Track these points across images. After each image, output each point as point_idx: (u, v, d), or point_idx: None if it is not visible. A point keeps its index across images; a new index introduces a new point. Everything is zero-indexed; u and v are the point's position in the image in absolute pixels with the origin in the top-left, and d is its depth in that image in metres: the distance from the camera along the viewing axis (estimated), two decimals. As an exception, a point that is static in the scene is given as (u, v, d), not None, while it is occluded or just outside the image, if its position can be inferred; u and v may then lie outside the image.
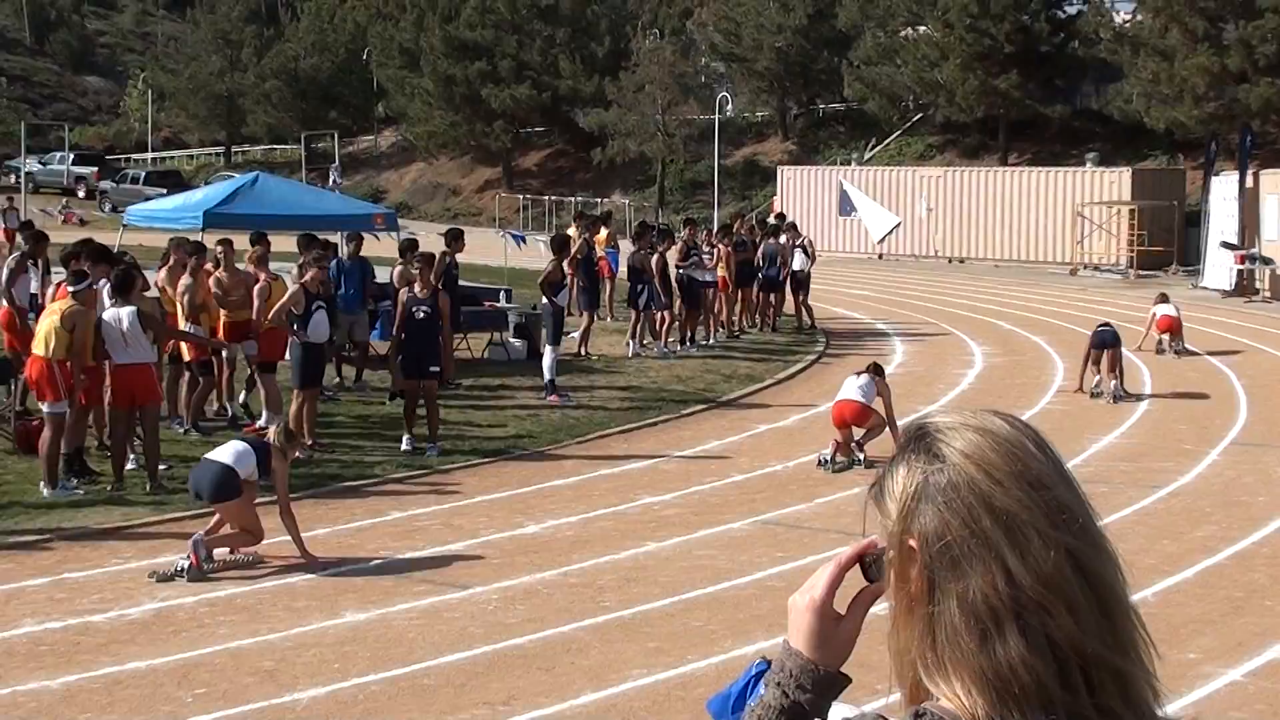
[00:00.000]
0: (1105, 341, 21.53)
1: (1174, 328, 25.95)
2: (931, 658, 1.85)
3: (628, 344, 25.67)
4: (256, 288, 18.52)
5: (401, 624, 11.05)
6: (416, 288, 18.01)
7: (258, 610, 11.35)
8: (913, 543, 1.87)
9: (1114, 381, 21.47)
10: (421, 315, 17.77)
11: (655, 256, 25.74)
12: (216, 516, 12.68)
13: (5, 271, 19.53)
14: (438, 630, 10.91)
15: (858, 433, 17.03)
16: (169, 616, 11.18)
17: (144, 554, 12.91)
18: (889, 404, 17.04)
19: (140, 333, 15.19)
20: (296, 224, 23.45)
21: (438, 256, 21.86)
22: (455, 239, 22.70)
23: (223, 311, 18.60)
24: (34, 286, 20.08)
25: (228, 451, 12.68)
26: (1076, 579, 1.81)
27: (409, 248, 21.18)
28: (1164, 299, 26.82)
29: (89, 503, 14.60)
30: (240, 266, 19.28)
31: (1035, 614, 1.79)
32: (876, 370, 17.52)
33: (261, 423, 18.44)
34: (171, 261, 18.74)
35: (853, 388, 16.98)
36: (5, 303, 19.23)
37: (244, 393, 19.29)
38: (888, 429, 16.55)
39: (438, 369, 17.89)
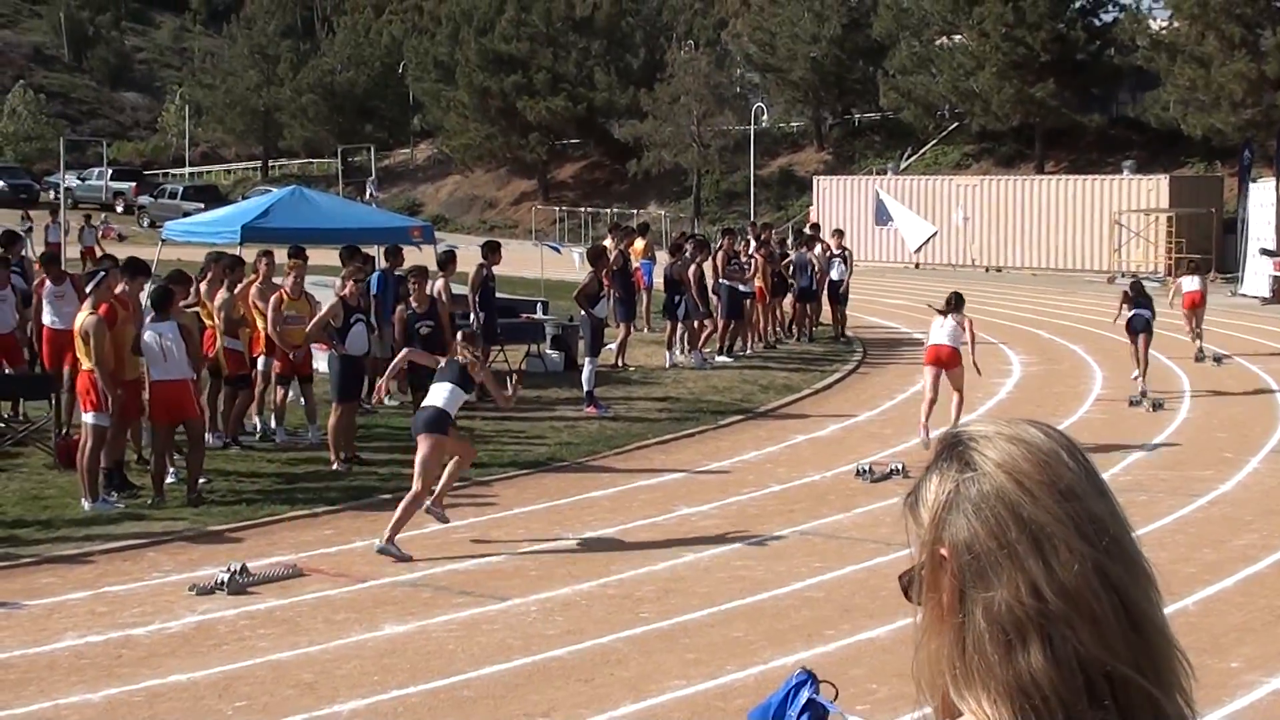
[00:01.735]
0: (1137, 328, 22.47)
1: (1197, 303, 26.10)
2: (960, 669, 1.84)
3: (667, 354, 25.68)
4: (255, 294, 18.57)
5: (441, 636, 11.06)
6: (414, 303, 18.04)
7: (297, 623, 11.39)
8: (944, 551, 1.86)
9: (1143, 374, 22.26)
10: (425, 331, 17.82)
11: (692, 267, 25.74)
12: (442, 480, 13.89)
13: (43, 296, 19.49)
14: (477, 642, 10.92)
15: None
16: (209, 629, 11.23)
17: (184, 567, 12.97)
18: (974, 334, 18.83)
19: (182, 348, 15.27)
20: (334, 237, 23.55)
21: (473, 267, 22.03)
22: (492, 251, 22.75)
23: (260, 325, 18.67)
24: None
25: (440, 395, 13.85)
26: (1105, 594, 1.78)
27: (447, 260, 21.22)
28: (1194, 269, 26.76)
29: (130, 516, 14.67)
30: (277, 280, 19.34)
31: (1059, 627, 1.77)
32: (957, 305, 18.77)
33: (259, 429, 18.53)
34: (210, 275, 18.82)
35: (942, 333, 18.51)
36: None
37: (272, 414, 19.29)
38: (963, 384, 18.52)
39: None
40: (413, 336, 17.87)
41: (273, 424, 19.04)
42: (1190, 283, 26.43)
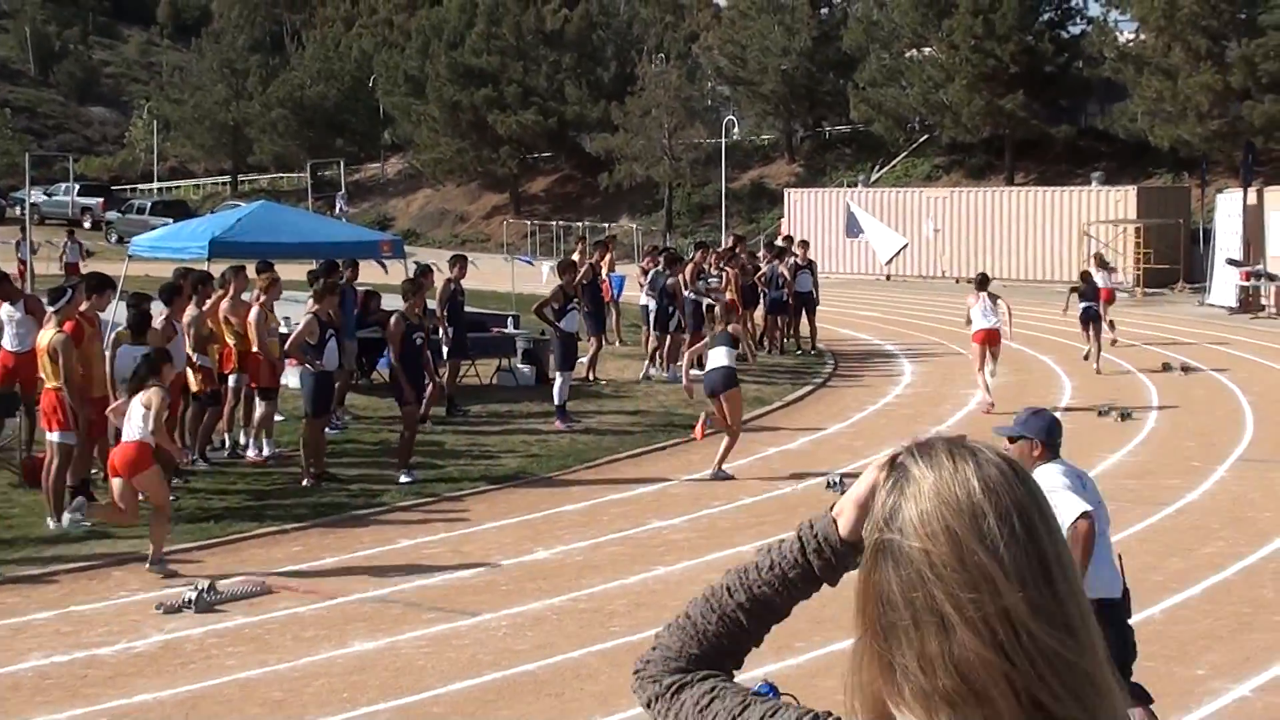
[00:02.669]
0: (1089, 319, 26.11)
1: (1107, 299, 26.81)
2: (892, 693, 1.86)
3: (658, 368, 25.69)
4: (253, 315, 18.48)
5: (411, 652, 11.05)
6: (410, 315, 18.04)
7: (265, 640, 11.37)
8: (869, 589, 1.89)
9: (1099, 349, 26.06)
10: (419, 340, 17.84)
11: (670, 280, 25.86)
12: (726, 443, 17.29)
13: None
14: (447, 658, 10.92)
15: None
16: (176, 648, 11.19)
17: (151, 586, 12.93)
18: (1008, 306, 22.80)
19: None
20: (303, 252, 23.53)
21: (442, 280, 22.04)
22: (457, 264, 22.76)
23: (229, 341, 18.63)
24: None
25: (722, 357, 17.46)
26: (1002, 684, 1.78)
27: (423, 274, 21.10)
28: (1101, 264, 27.35)
29: (96, 535, 14.61)
30: (246, 296, 19.29)
31: (959, 707, 1.79)
32: (983, 284, 22.71)
33: (252, 452, 18.48)
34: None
35: (983, 317, 22.23)
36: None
37: (243, 429, 19.23)
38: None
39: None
40: (410, 346, 17.85)
41: (242, 439, 19.02)
42: (1099, 279, 26.88)
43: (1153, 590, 12.34)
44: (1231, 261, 38.62)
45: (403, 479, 17.15)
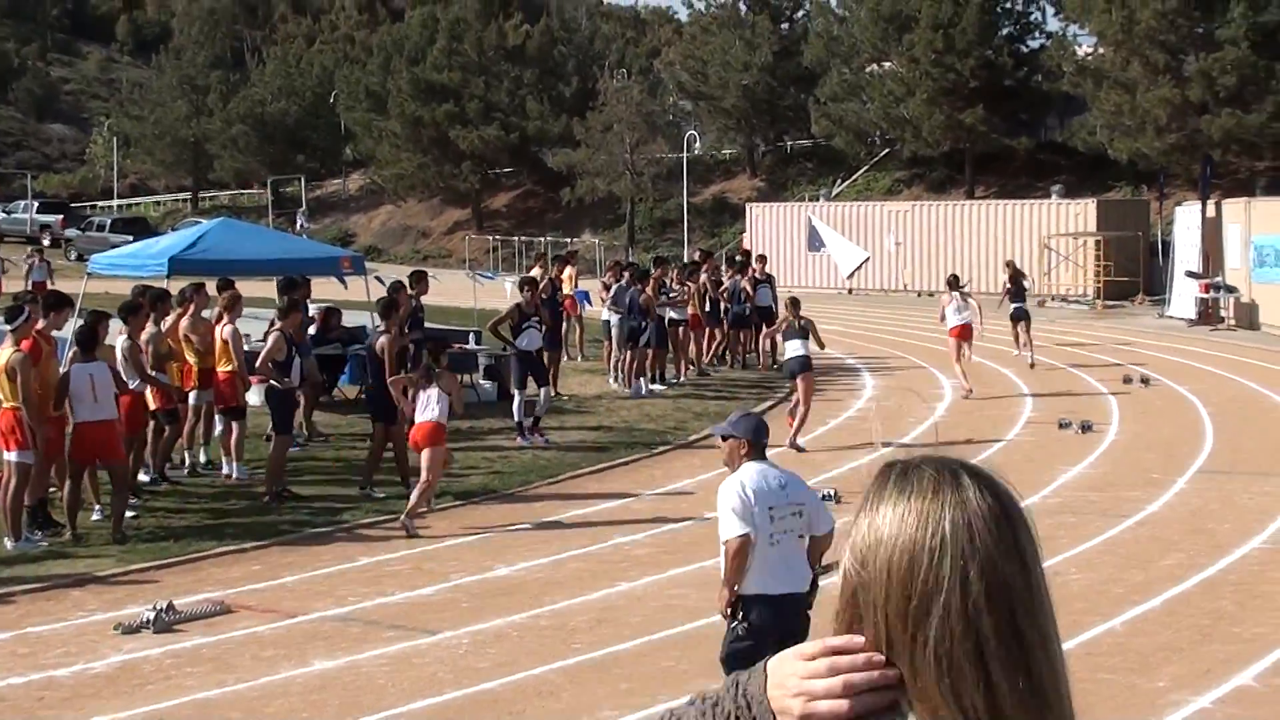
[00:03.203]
0: (1019, 318, 28.34)
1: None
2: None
3: (640, 383, 25.68)
4: (228, 333, 18.35)
5: (371, 670, 10.99)
6: (393, 326, 18.02)
7: (225, 660, 11.28)
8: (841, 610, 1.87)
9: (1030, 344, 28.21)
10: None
11: (643, 295, 25.87)
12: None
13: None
14: (408, 676, 10.86)
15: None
16: (134, 669, 11.10)
17: (109, 606, 12.83)
18: (978, 305, 25.32)
19: (111, 389, 15.13)
20: (263, 269, 23.43)
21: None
22: (418, 280, 22.69)
23: (190, 359, 18.53)
24: None
25: (799, 346, 20.55)
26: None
27: (396, 292, 21.00)
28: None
29: (53, 555, 14.50)
30: (205, 314, 19.19)
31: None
32: (954, 284, 25.45)
33: (225, 470, 18.40)
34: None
35: (956, 314, 24.84)
36: None
37: (203, 447, 19.14)
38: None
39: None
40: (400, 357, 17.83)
41: (202, 457, 18.94)
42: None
43: (1113, 602, 12.40)
44: (1190, 274, 38.86)
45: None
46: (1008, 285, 28.89)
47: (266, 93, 78.56)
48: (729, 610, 8.65)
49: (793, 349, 20.82)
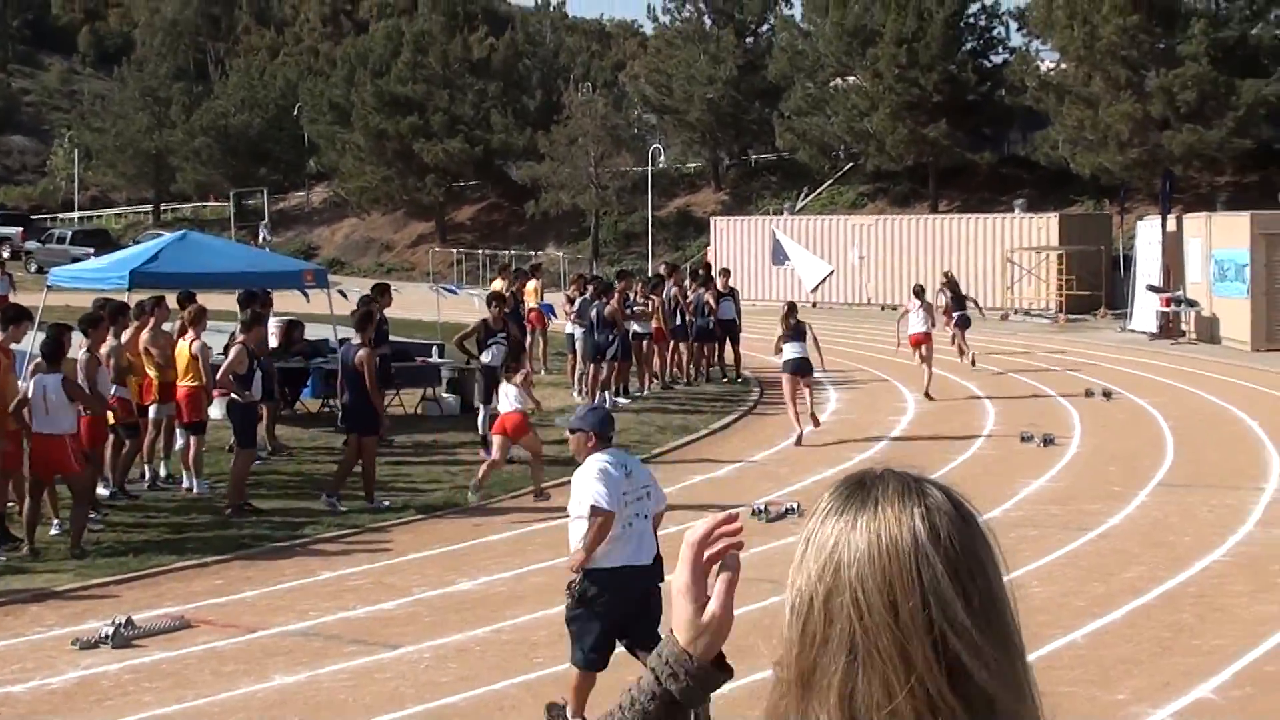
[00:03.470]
0: (962, 326, 30.08)
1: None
2: None
3: (582, 394, 25.71)
4: (196, 347, 18.28)
5: (332, 685, 10.95)
6: (365, 338, 18.02)
7: (184, 676, 11.22)
8: (793, 630, 1.87)
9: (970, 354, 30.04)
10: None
11: (607, 307, 25.87)
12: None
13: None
14: (369, 691, 10.82)
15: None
16: (92, 685, 11.03)
17: (67, 621, 12.74)
18: (932, 317, 27.13)
19: (65, 402, 15.03)
20: (225, 282, 23.36)
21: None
22: (382, 293, 22.65)
23: (150, 372, 18.44)
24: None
25: (797, 349, 21.84)
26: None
27: (370, 303, 21.00)
28: (919, 293, 27.76)
29: (11, 570, 14.40)
30: (166, 328, 19.11)
31: None
32: (919, 294, 27.24)
33: (186, 484, 18.33)
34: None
35: (918, 322, 26.71)
36: None
37: (163, 461, 19.05)
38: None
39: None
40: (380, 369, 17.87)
41: (163, 471, 18.85)
42: (942, 300, 29.15)
43: (1074, 615, 12.45)
44: (1151, 288, 39.09)
45: (385, 504, 17.46)
46: (949, 297, 30.12)
47: (229, 105, 78.37)
48: (570, 582, 9.64)
49: (791, 350, 22.15)
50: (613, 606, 9.49)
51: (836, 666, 1.79)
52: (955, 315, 29.99)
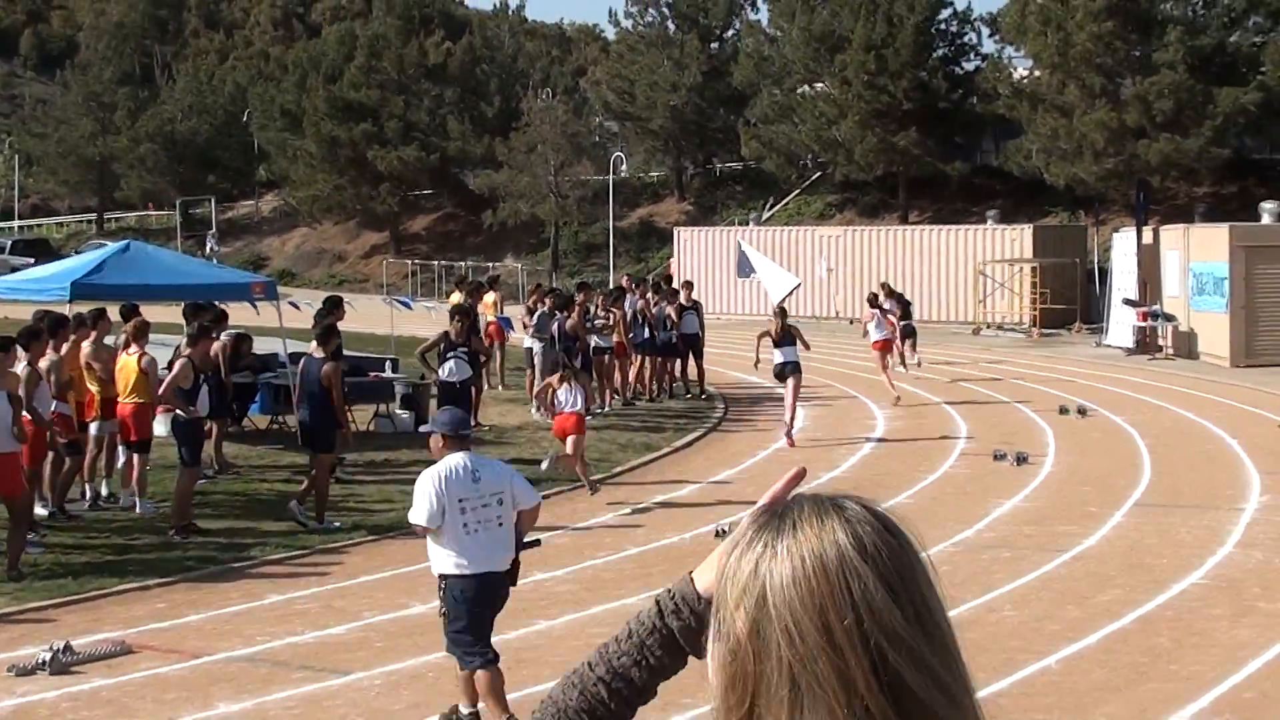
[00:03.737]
0: (907, 334, 31.66)
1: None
2: None
3: (540, 410, 25.71)
4: (145, 362, 18.14)
5: (278, 713, 10.87)
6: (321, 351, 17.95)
7: (124, 704, 11.11)
8: (725, 658, 1.84)
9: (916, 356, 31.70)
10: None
11: (570, 321, 25.83)
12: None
13: None
14: (317, 719, 10.74)
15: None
16: (29, 713, 10.91)
17: (2, 646, 12.60)
18: (893, 323, 29.30)
19: (9, 422, 14.89)
20: (170, 294, 23.20)
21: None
22: (334, 307, 22.54)
23: (92, 387, 18.31)
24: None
25: (792, 352, 23.43)
26: None
27: (329, 313, 20.98)
28: (873, 301, 29.67)
29: (-54, 593, 14.26)
30: (108, 341, 18.98)
31: None
32: (873, 302, 29.02)
33: (125, 503, 18.19)
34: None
35: (876, 331, 28.61)
36: None
37: (105, 480, 18.92)
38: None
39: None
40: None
41: (104, 490, 18.71)
42: (889, 305, 30.08)
43: (1049, 640, 12.45)
44: (1128, 302, 39.26)
45: (336, 525, 17.41)
46: (894, 309, 30.52)
47: (176, 110, 78.13)
48: (440, 595, 10.12)
49: (784, 354, 23.78)
50: (482, 605, 10.03)
51: (781, 702, 1.75)
52: (900, 325, 30.95)
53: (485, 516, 9.90)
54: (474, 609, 9.97)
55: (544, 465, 19.25)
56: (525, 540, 10.53)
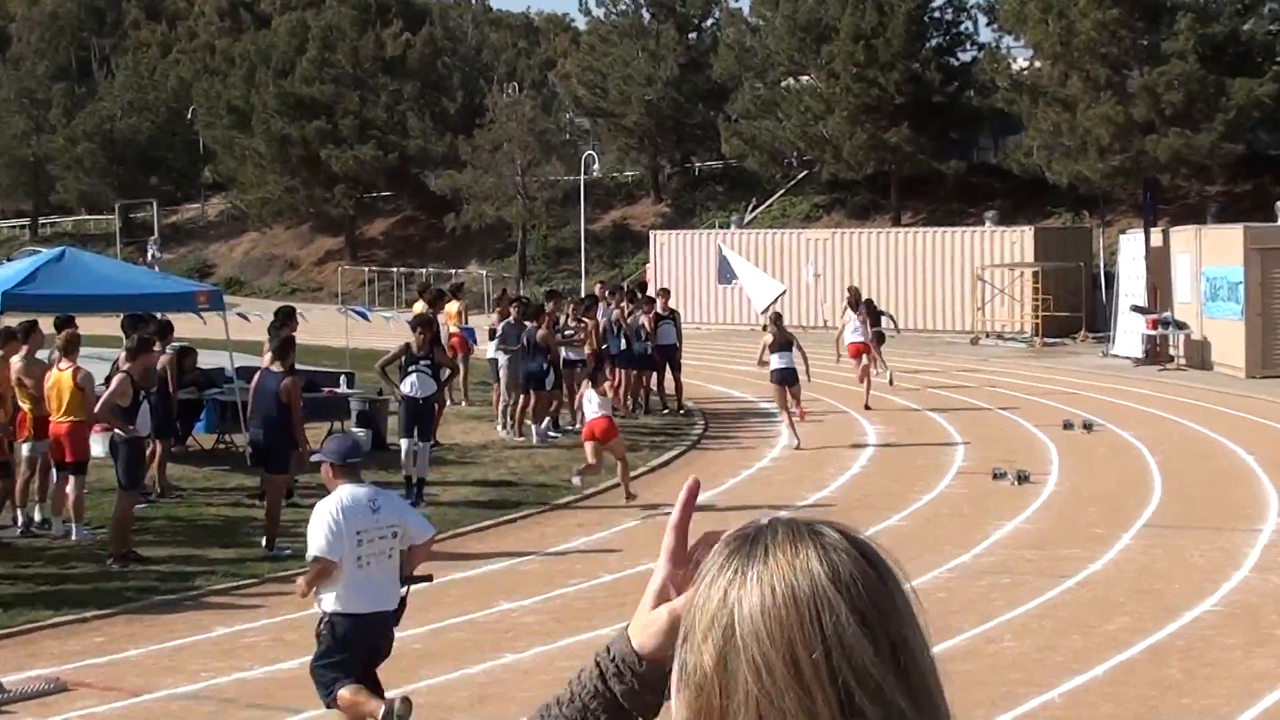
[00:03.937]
0: (879, 342, 32.28)
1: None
2: None
3: (507, 427, 25.73)
4: (80, 377, 18.09)
5: (224, 756, 10.83)
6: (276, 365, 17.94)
7: (58, 746, 11.08)
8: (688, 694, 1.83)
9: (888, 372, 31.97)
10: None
11: (541, 332, 25.83)
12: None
13: None
14: (266, 762, 10.71)
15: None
16: (-45, 756, 10.87)
17: (-72, 685, 12.55)
18: (868, 330, 30.14)
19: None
20: (108, 305, 23.18)
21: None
22: (287, 318, 22.48)
23: (23, 405, 18.24)
24: None
25: (788, 359, 25.13)
26: None
27: (284, 324, 21.01)
28: (853, 303, 31.29)
29: None
30: (40, 355, 18.92)
31: None
32: (853, 304, 30.54)
33: (58, 529, 18.12)
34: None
35: (854, 332, 30.04)
36: None
37: (38, 504, 18.86)
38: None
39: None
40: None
41: (37, 515, 18.64)
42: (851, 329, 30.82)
43: (1051, 671, 12.46)
44: (1136, 308, 39.27)
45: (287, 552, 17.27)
46: (861, 315, 30.95)
47: (116, 107, 77.97)
48: (318, 627, 10.11)
49: (779, 361, 25.19)
50: (364, 647, 10.11)
51: None
52: (873, 332, 31.62)
53: (379, 549, 10.04)
54: (354, 652, 10.06)
55: (575, 480, 20.63)
56: (415, 575, 10.73)
